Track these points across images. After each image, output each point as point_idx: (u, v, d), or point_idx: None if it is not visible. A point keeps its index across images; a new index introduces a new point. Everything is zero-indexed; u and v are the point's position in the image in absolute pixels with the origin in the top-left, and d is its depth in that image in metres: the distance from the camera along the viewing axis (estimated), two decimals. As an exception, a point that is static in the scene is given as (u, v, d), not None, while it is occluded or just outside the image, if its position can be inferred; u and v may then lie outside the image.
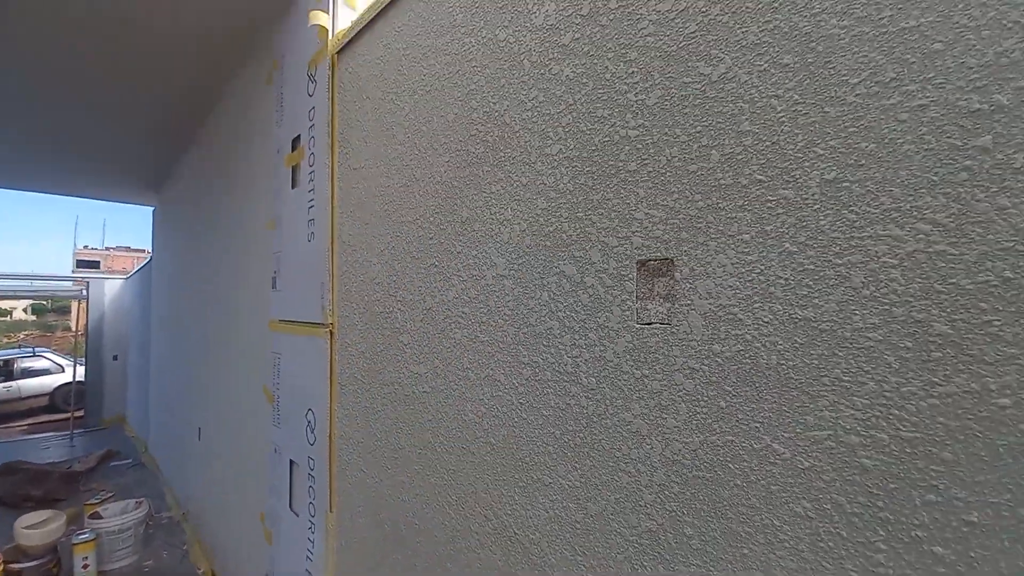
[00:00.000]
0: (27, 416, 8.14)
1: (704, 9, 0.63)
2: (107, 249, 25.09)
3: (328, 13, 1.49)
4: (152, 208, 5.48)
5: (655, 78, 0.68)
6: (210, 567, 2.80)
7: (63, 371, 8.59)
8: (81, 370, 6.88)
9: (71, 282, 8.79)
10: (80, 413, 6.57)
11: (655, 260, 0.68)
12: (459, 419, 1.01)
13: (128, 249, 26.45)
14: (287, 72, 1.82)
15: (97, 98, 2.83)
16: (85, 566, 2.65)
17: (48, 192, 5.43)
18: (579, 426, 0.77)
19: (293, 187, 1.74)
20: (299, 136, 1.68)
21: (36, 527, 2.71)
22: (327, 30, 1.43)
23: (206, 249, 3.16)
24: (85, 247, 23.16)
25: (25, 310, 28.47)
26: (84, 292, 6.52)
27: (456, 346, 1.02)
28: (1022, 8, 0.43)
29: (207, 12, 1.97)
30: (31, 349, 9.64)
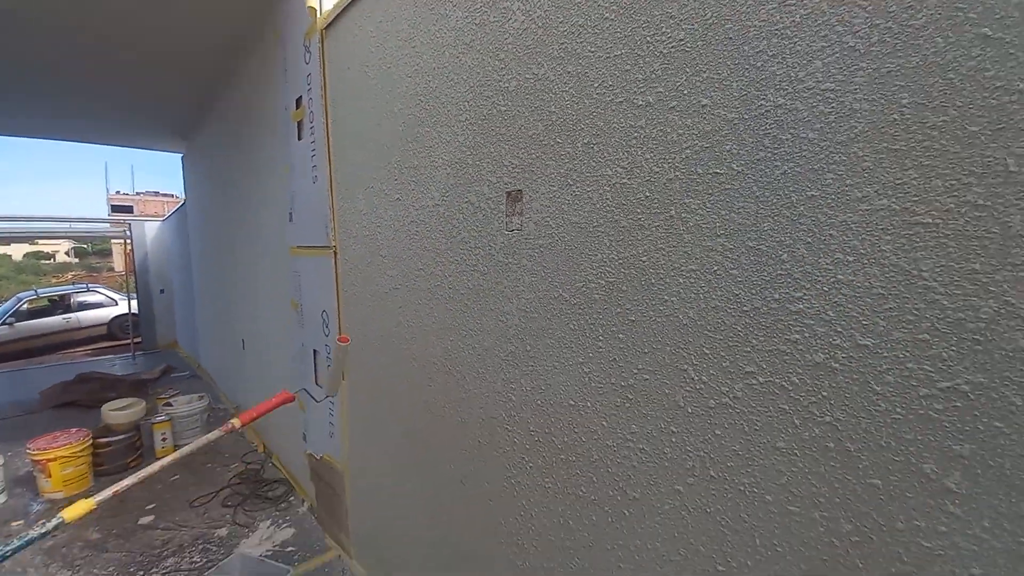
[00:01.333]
0: (87, 344, 9.15)
1: (536, 30, 1.01)
2: (138, 194, 26.20)
3: (316, -5, 1.82)
4: (180, 154, 5.94)
5: (512, 72, 1.07)
6: (261, 442, 3.57)
7: (116, 304, 9.55)
8: (134, 304, 7.75)
9: (108, 224, 9.46)
10: (138, 340, 7.52)
11: (514, 191, 1.10)
12: (414, 305, 1.50)
13: (157, 194, 27.50)
14: (288, 42, 2.17)
15: (127, 54, 3.18)
16: (164, 439, 3.44)
17: (80, 141, 5.85)
18: (477, 294, 1.24)
19: (299, 139, 2.15)
20: (300, 96, 2.06)
21: (121, 410, 3.47)
22: (315, 10, 1.78)
23: (234, 190, 3.64)
24: (117, 192, 24.28)
25: (68, 253, 30.36)
26: (128, 232, 7.20)
27: (412, 254, 1.48)
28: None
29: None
30: (85, 285, 10.64)
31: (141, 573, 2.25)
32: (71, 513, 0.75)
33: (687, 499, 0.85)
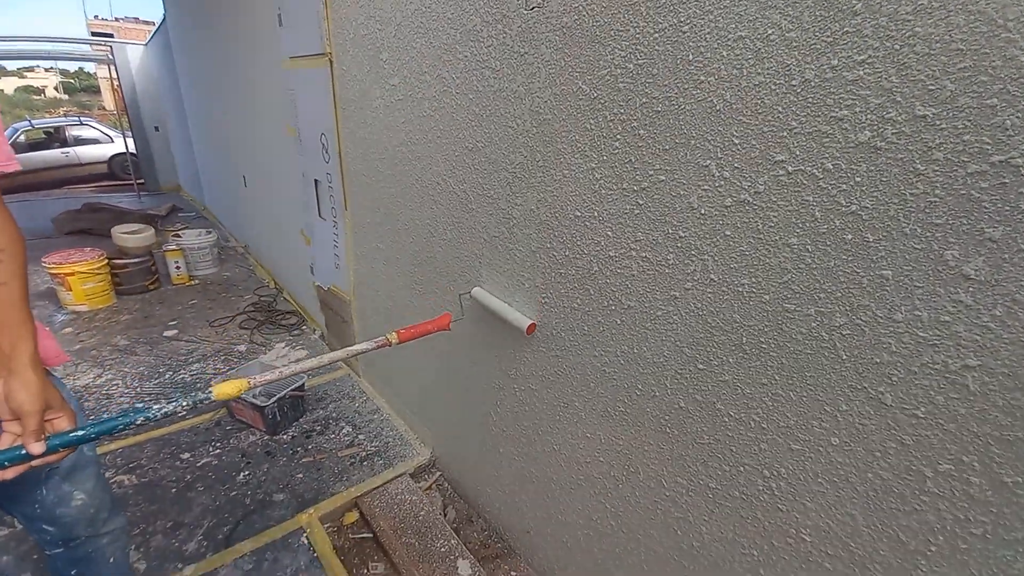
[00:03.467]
0: (89, 181, 9.08)
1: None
2: (116, 19, 23.48)
3: None
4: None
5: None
6: (272, 278, 3.72)
7: (112, 141, 9.21)
8: (130, 142, 7.44)
9: (89, 47, 8.63)
10: (140, 181, 7.40)
11: (538, -46, 0.91)
12: (419, 119, 1.38)
13: (137, 20, 24.68)
14: None
15: None
16: (177, 267, 3.57)
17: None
18: (487, 97, 1.12)
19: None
20: None
21: (132, 234, 3.54)
22: None
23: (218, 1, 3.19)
24: (96, 17, 21.72)
25: (56, 88, 28.44)
26: (111, 57, 6.58)
27: (417, 54, 1.31)
28: None
29: None
30: (77, 118, 10.14)
31: (170, 373, 2.51)
32: (221, 390, 0.77)
33: (681, 304, 0.86)
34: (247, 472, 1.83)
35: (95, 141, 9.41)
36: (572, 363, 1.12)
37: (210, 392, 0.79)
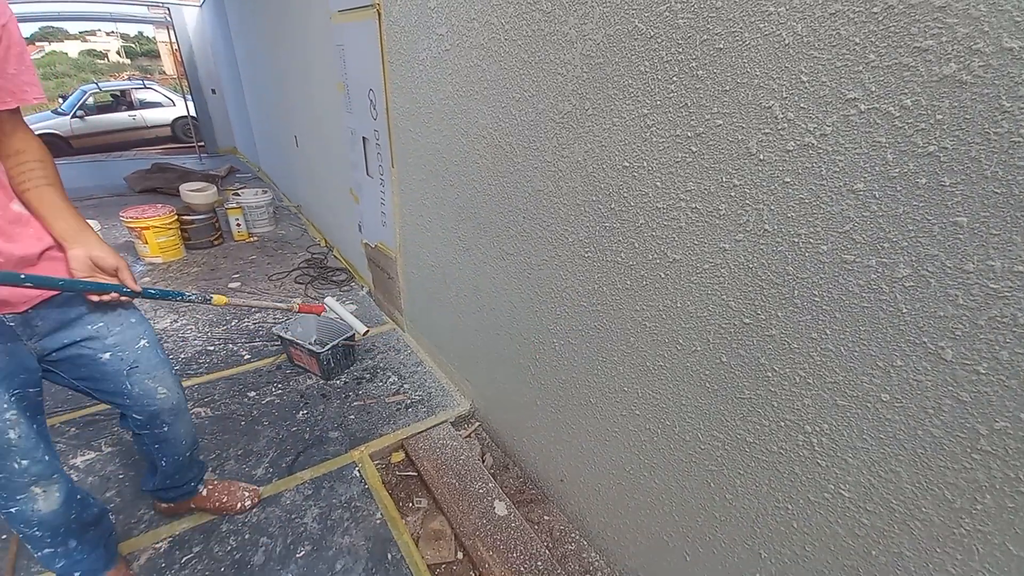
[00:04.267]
0: (155, 144, 9.64)
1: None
2: (170, -18, 24.16)
3: None
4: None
5: None
6: (323, 236, 3.90)
7: (174, 105, 9.69)
8: (191, 106, 7.80)
9: (147, 9, 8.93)
10: (201, 144, 7.80)
11: None
12: (466, 69, 1.36)
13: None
14: None
15: None
16: (238, 225, 3.80)
17: None
18: (536, 42, 1.10)
19: None
20: None
21: (198, 191, 3.78)
22: None
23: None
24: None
25: (119, 52, 29.91)
26: (169, 18, 6.83)
27: (466, 3, 1.29)
28: None
29: None
30: (141, 81, 10.69)
31: (235, 321, 2.72)
32: (217, 300, 1.20)
33: (730, 256, 0.84)
34: (305, 411, 2.00)
35: (158, 104, 9.92)
36: (612, 317, 1.13)
37: (210, 297, 1.19)
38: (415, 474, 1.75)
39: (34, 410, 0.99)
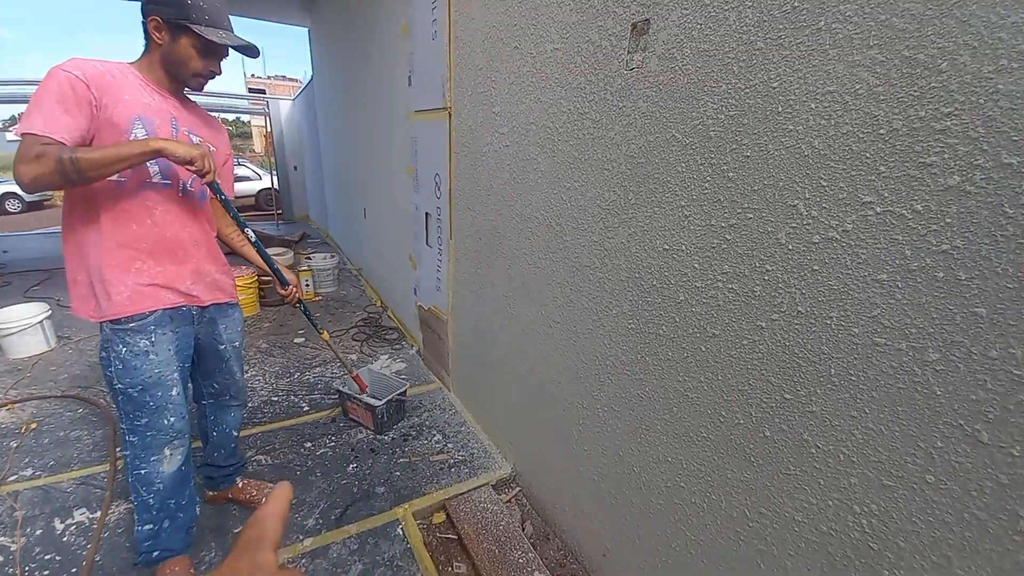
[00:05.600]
0: (241, 212, 10.84)
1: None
2: (268, 78, 28.41)
3: None
4: (307, 28, 6.23)
5: None
6: (379, 297, 4.19)
7: (260, 178, 11.03)
8: (275, 179, 8.90)
9: (247, 101, 10.49)
10: (279, 212, 8.78)
11: (641, 21, 1.06)
12: (523, 162, 1.57)
13: (284, 78, 29.61)
14: None
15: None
16: (307, 285, 4.19)
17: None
18: (586, 144, 1.28)
19: (421, -6, 2.16)
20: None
21: (278, 256, 4.23)
22: None
23: (354, 60, 3.82)
24: (253, 76, 26.53)
25: (219, 134, 34.87)
26: (267, 109, 8.02)
27: (525, 108, 1.52)
28: None
29: None
30: (236, 159, 12.31)
31: (298, 374, 2.94)
32: (355, 374, 1.72)
33: (767, 334, 0.90)
34: (355, 464, 2.09)
35: (247, 178, 11.32)
36: (655, 387, 1.19)
37: (322, 329, 1.68)
38: (455, 537, 1.76)
39: (186, 379, 1.42)
